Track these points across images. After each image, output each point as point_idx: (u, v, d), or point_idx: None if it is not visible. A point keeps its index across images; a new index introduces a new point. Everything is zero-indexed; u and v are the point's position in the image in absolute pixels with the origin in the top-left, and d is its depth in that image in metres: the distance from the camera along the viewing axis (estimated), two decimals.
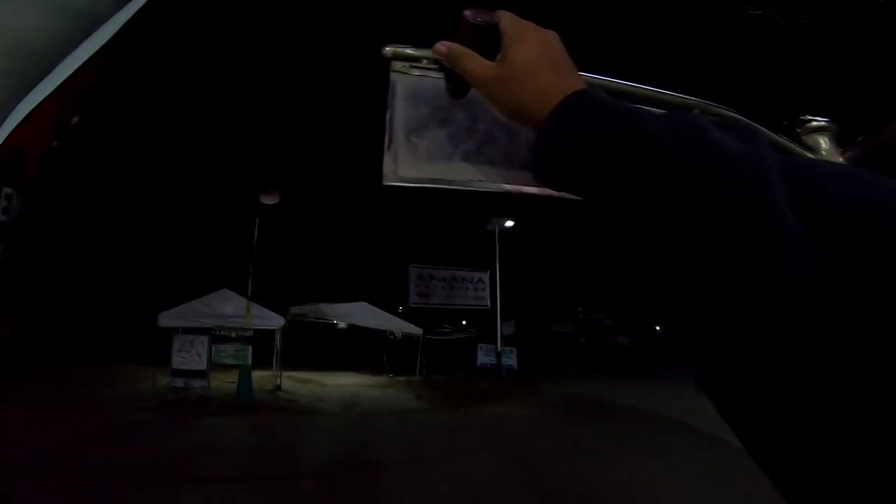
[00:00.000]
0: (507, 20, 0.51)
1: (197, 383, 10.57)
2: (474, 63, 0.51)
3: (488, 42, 0.51)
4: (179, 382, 10.52)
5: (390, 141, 0.59)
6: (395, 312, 19.05)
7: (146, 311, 12.51)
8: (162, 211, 20.38)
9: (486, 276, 21.15)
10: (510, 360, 18.98)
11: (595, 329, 34.68)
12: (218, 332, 11.49)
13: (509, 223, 21.02)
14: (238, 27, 20.84)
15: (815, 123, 0.65)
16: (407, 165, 0.59)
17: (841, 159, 0.66)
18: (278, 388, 13.28)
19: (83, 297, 18.93)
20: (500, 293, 19.94)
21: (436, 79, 0.61)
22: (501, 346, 19.11)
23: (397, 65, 0.63)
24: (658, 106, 0.70)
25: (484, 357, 18.95)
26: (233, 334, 11.59)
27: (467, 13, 0.52)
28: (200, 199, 20.87)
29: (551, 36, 0.51)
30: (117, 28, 0.61)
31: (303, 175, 24.79)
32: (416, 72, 0.63)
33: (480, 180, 0.61)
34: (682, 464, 6.13)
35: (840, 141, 0.66)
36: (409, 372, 18.10)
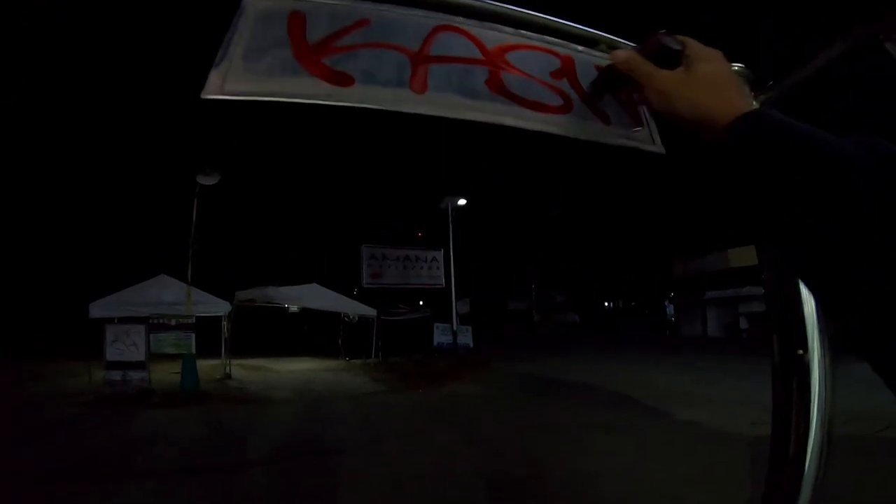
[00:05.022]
0: (694, 45, 0.63)
1: (135, 375, 9.97)
2: (656, 70, 0.63)
3: (668, 60, 0.62)
4: (116, 375, 9.88)
5: (222, 57, 0.58)
6: (349, 294, 18.63)
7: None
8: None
9: (440, 255, 21.00)
10: (466, 338, 19.10)
11: (547, 305, 35.59)
12: (156, 321, 10.82)
13: (462, 202, 20.89)
14: None
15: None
16: (238, 80, 0.58)
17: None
18: (228, 376, 12.80)
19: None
20: (455, 272, 19.84)
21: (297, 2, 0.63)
22: (457, 324, 19.15)
23: None
24: (561, 37, 0.78)
25: (441, 336, 18.96)
26: (172, 322, 10.96)
27: (663, 37, 0.63)
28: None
29: (728, 65, 0.63)
30: None
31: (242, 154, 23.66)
32: None
33: (330, 95, 0.61)
34: (628, 438, 6.37)
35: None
36: (364, 354, 17.89)
